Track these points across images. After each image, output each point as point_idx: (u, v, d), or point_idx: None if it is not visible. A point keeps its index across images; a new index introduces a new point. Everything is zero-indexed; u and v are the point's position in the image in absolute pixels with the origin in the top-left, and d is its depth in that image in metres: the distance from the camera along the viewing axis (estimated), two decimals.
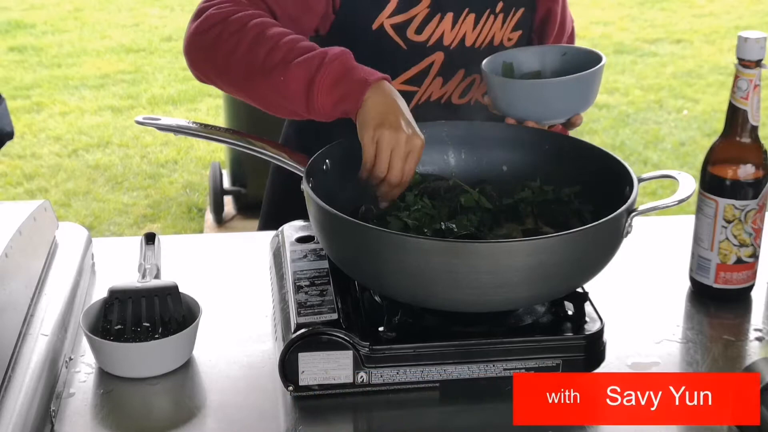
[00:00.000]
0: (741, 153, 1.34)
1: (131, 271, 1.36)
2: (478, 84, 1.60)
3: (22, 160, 4.52)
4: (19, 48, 6.11)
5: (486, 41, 1.58)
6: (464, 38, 1.56)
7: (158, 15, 6.77)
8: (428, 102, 1.58)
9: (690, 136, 4.85)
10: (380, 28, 1.53)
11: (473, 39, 1.57)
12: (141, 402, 1.18)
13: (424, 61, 1.56)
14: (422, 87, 1.57)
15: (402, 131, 1.27)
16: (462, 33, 1.56)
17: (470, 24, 1.56)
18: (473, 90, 1.61)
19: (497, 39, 1.59)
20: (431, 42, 1.55)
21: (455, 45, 1.56)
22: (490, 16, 1.57)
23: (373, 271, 1.19)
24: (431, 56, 1.56)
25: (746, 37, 1.30)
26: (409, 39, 1.54)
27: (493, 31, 1.58)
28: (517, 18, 1.60)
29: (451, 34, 1.55)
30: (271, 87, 1.37)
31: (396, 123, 1.28)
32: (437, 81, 1.58)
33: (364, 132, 1.28)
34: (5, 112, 2.07)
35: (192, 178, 4.42)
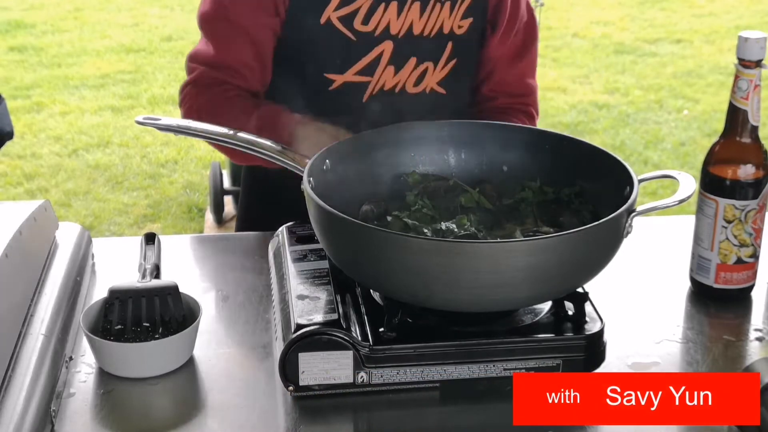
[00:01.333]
0: (741, 153, 1.34)
1: (131, 271, 1.36)
2: (431, 72, 1.61)
3: (22, 160, 4.52)
4: (19, 48, 6.11)
5: (435, 29, 1.60)
6: (412, 27, 1.58)
7: (158, 15, 6.76)
8: (382, 92, 1.60)
9: (690, 136, 4.85)
10: (328, 22, 1.56)
11: (421, 27, 1.59)
12: (141, 402, 1.18)
13: (374, 51, 1.58)
14: (374, 77, 1.59)
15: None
16: (409, 21, 1.58)
17: (416, 12, 1.58)
18: (427, 78, 1.62)
19: (446, 27, 1.60)
20: (378, 32, 1.57)
21: (403, 34, 1.58)
22: (436, 4, 1.58)
23: (373, 271, 1.19)
24: (380, 45, 1.58)
25: (746, 37, 1.30)
26: (357, 30, 1.57)
27: (442, 19, 1.59)
28: (466, 5, 1.60)
29: (398, 22, 1.57)
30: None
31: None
32: (389, 70, 1.60)
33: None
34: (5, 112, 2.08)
35: (192, 178, 4.42)
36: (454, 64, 1.63)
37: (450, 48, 1.61)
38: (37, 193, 4.22)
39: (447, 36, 1.61)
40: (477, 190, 1.37)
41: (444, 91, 1.63)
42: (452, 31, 1.61)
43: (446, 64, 1.62)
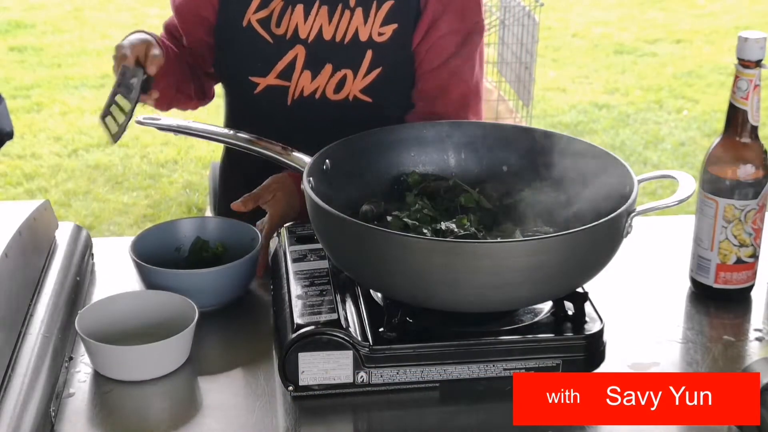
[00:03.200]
0: (741, 153, 1.34)
1: (131, 272, 1.35)
2: (352, 80, 1.57)
3: (22, 160, 4.52)
4: (19, 48, 6.11)
5: (349, 36, 1.57)
6: (321, 32, 1.57)
7: (158, 15, 6.76)
8: (302, 97, 1.59)
9: (690, 136, 4.84)
10: (249, 25, 1.58)
11: (331, 33, 1.57)
12: (141, 402, 1.18)
13: (288, 55, 1.58)
14: (292, 81, 1.59)
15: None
16: (317, 26, 1.57)
17: (324, 17, 1.56)
18: (348, 86, 1.58)
19: (363, 34, 1.56)
20: (289, 35, 1.58)
21: (312, 38, 1.57)
22: (345, 11, 1.56)
23: (373, 271, 1.19)
24: (293, 49, 1.58)
25: (746, 37, 1.30)
26: (273, 33, 1.58)
27: (355, 26, 1.56)
28: (384, 12, 1.55)
29: (305, 26, 1.57)
30: None
31: None
32: (305, 75, 1.58)
33: None
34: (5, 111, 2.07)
35: (192, 178, 4.41)
36: (379, 73, 1.56)
37: (370, 56, 1.56)
38: (37, 193, 4.21)
39: (365, 44, 1.56)
40: (477, 190, 1.37)
41: (369, 99, 1.58)
42: (371, 39, 1.56)
43: (368, 72, 1.57)
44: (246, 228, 1.43)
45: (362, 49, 1.56)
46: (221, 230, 1.44)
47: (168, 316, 1.25)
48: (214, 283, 1.33)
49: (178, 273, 1.33)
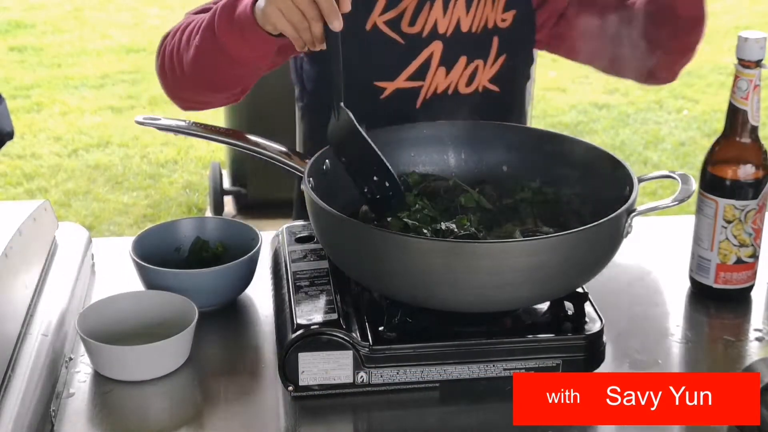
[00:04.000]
0: (741, 153, 1.34)
1: (131, 272, 1.35)
2: (482, 70, 1.57)
3: (22, 160, 4.52)
4: (19, 48, 6.11)
5: (481, 25, 1.55)
6: (459, 24, 1.54)
7: (158, 15, 6.76)
8: (435, 95, 1.56)
9: (690, 136, 4.84)
10: (374, 28, 1.52)
11: (468, 24, 1.54)
12: (141, 402, 1.18)
13: (423, 53, 1.54)
14: (426, 80, 1.55)
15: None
16: (456, 19, 1.54)
17: (462, 8, 1.53)
18: (479, 76, 1.57)
19: (491, 21, 1.56)
20: (426, 32, 1.53)
21: (451, 32, 1.54)
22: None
23: (373, 271, 1.19)
24: (429, 47, 1.54)
25: (746, 37, 1.30)
26: (405, 33, 1.53)
27: (486, 13, 1.55)
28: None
29: (445, 20, 1.53)
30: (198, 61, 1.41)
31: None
32: (440, 72, 1.55)
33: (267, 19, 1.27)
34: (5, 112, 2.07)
35: (192, 178, 4.41)
36: (504, 60, 1.58)
37: (497, 43, 1.56)
38: (37, 193, 4.21)
39: (492, 31, 1.56)
40: (477, 190, 1.37)
41: (497, 89, 1.59)
42: (496, 26, 1.56)
43: (495, 60, 1.57)
44: (246, 228, 1.43)
45: (490, 36, 1.55)
46: (221, 230, 1.44)
47: (168, 316, 1.25)
48: (214, 283, 1.33)
49: (178, 273, 1.33)
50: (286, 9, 1.24)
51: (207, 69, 1.43)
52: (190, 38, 1.43)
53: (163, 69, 1.51)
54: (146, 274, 1.33)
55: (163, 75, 1.52)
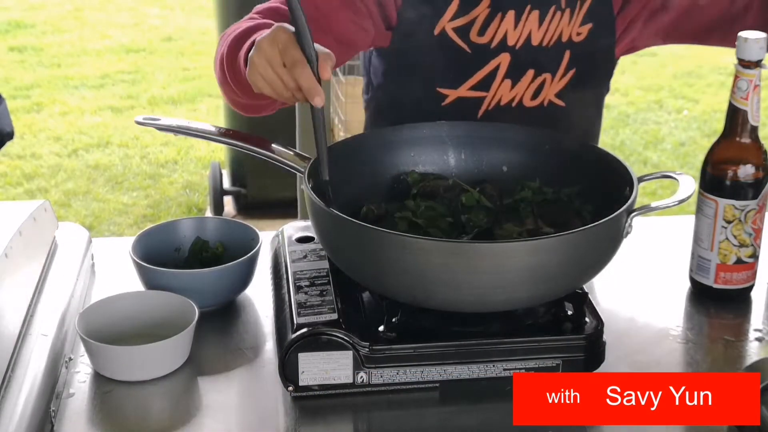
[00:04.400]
0: (741, 153, 1.34)
1: (131, 272, 1.35)
2: (549, 83, 1.54)
3: (22, 160, 4.52)
4: (19, 48, 6.11)
5: (554, 39, 1.52)
6: (530, 37, 1.51)
7: (158, 15, 6.76)
8: (499, 107, 1.53)
9: (690, 136, 4.84)
10: (442, 34, 1.49)
11: (540, 37, 1.51)
12: (141, 402, 1.18)
13: (490, 64, 1.51)
14: (491, 91, 1.52)
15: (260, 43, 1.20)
16: (527, 32, 1.50)
17: (535, 22, 1.50)
18: (545, 90, 1.54)
19: (565, 35, 1.52)
20: (495, 43, 1.50)
21: (521, 45, 1.50)
22: (556, 12, 1.50)
23: (373, 271, 1.19)
24: (497, 58, 1.51)
25: (746, 37, 1.30)
26: (473, 42, 1.49)
27: (561, 28, 1.51)
28: (585, 10, 1.52)
29: (515, 33, 1.50)
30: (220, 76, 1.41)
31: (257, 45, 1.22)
32: (506, 84, 1.52)
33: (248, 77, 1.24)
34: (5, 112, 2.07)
35: (192, 178, 4.41)
36: (573, 74, 1.55)
37: (568, 57, 1.53)
38: (37, 193, 4.21)
39: (565, 44, 1.52)
40: (477, 189, 1.37)
41: (563, 103, 1.56)
42: (570, 39, 1.52)
43: (564, 74, 1.54)
44: (246, 228, 1.43)
45: (561, 50, 1.52)
46: (221, 230, 1.44)
47: (168, 316, 1.25)
48: (214, 283, 1.33)
49: (178, 273, 1.33)
50: (268, 77, 1.22)
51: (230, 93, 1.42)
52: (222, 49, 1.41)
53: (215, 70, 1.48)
54: (146, 274, 1.33)
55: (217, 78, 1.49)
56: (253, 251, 1.35)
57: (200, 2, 6.81)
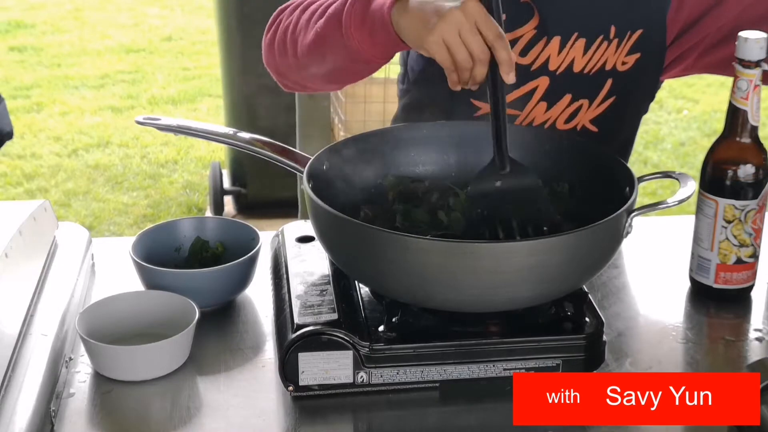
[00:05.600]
0: (741, 153, 1.34)
1: (131, 272, 1.35)
2: (586, 109, 1.51)
3: (22, 160, 4.52)
4: (19, 48, 6.11)
5: (596, 67, 1.49)
6: (572, 64, 1.48)
7: (158, 15, 6.76)
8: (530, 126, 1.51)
9: (690, 136, 4.84)
10: None
11: (582, 65, 1.48)
12: (141, 402, 1.18)
13: (528, 85, 1.48)
14: (524, 111, 1.50)
15: (451, 10, 1.15)
16: (570, 58, 1.47)
17: (580, 50, 1.47)
18: (580, 115, 1.52)
19: (609, 63, 1.49)
20: (536, 66, 1.48)
21: (562, 70, 1.48)
22: (602, 43, 1.47)
23: (373, 271, 1.19)
24: (536, 80, 1.49)
25: (746, 37, 1.30)
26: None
27: (606, 57, 1.49)
28: (633, 40, 1.49)
29: (558, 58, 1.47)
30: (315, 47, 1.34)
31: (441, 10, 1.16)
32: (541, 106, 1.50)
33: (424, 44, 1.18)
34: (4, 111, 2.07)
35: (192, 178, 4.42)
36: (612, 101, 1.52)
37: (609, 85, 1.50)
38: (37, 193, 4.21)
39: (608, 72, 1.49)
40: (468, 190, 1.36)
41: (596, 129, 1.53)
42: (615, 68, 1.49)
43: (603, 101, 1.52)
44: (246, 228, 1.43)
45: (604, 78, 1.49)
46: (221, 230, 1.44)
47: (168, 316, 1.25)
48: (214, 283, 1.33)
49: (178, 273, 1.33)
50: (454, 45, 1.17)
51: (323, 58, 1.35)
52: (311, 19, 1.35)
53: (272, 43, 1.42)
54: (146, 274, 1.33)
55: (270, 50, 1.43)
56: (253, 251, 1.35)
57: (200, 2, 6.81)
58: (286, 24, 1.41)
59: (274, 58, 1.46)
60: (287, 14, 1.42)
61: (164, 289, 1.29)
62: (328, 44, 1.34)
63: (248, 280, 1.37)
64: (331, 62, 1.37)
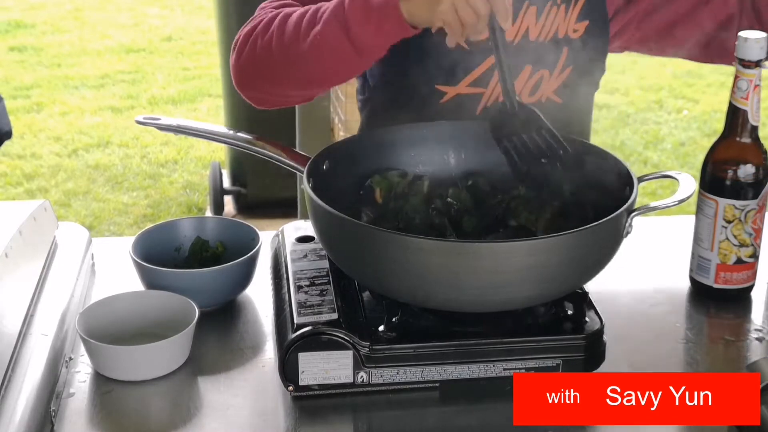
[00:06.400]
0: (741, 153, 1.34)
1: (131, 272, 1.35)
2: (547, 80, 1.54)
3: (22, 160, 4.52)
4: (19, 48, 6.11)
5: (550, 34, 1.52)
6: (527, 32, 1.51)
7: (158, 15, 6.76)
8: (497, 103, 1.51)
9: (690, 136, 4.84)
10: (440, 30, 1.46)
11: (537, 32, 1.51)
12: (141, 402, 1.18)
13: (488, 60, 1.50)
14: (488, 88, 1.52)
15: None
16: (524, 27, 1.51)
17: (532, 17, 1.50)
18: (543, 87, 1.55)
19: (561, 31, 1.53)
20: None
21: (518, 40, 1.51)
22: (552, 8, 1.51)
23: (373, 271, 1.19)
24: None
25: (746, 37, 1.30)
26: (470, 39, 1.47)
27: (557, 23, 1.52)
28: (579, 7, 1.53)
29: (513, 29, 1.50)
30: (314, 52, 1.36)
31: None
32: None
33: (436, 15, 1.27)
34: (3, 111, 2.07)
35: (192, 178, 4.42)
36: (570, 71, 1.55)
37: (565, 54, 1.54)
38: (37, 193, 4.22)
39: (562, 40, 1.53)
40: (470, 183, 1.37)
41: (559, 100, 1.55)
42: (567, 35, 1.53)
43: (562, 71, 1.55)
44: (246, 228, 1.43)
45: (560, 46, 1.53)
46: (221, 230, 1.44)
47: (168, 316, 1.25)
48: (214, 283, 1.33)
49: (178, 273, 1.33)
50: (461, 7, 1.25)
51: (321, 62, 1.38)
52: (300, 31, 1.37)
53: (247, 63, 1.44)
54: (146, 274, 1.33)
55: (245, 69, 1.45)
56: (253, 251, 1.35)
57: (200, 2, 6.81)
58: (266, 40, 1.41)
59: (253, 77, 1.47)
60: (261, 31, 1.43)
61: (164, 289, 1.29)
62: (329, 45, 1.35)
63: (248, 280, 1.37)
64: (329, 63, 1.38)
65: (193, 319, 1.22)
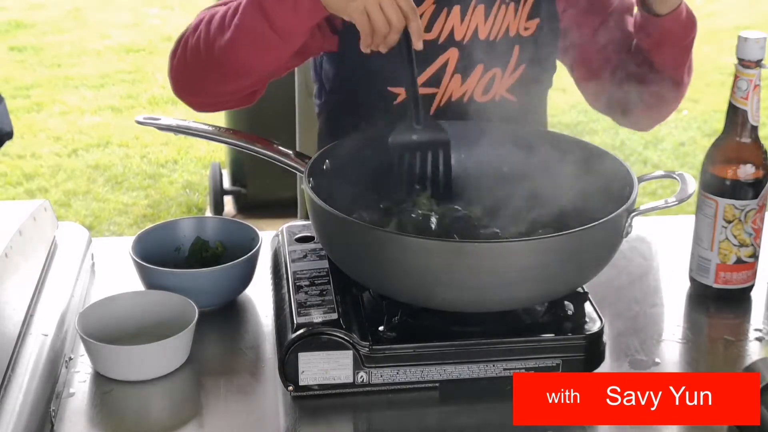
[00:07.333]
0: (741, 153, 1.34)
1: (131, 271, 1.35)
2: (500, 79, 1.55)
3: (22, 160, 4.52)
4: (19, 48, 6.11)
5: (501, 33, 1.53)
6: (477, 31, 1.52)
7: (158, 15, 6.76)
8: (450, 102, 1.54)
9: (690, 136, 4.84)
10: None
11: (487, 31, 1.52)
12: (141, 402, 1.18)
13: (439, 60, 1.51)
14: (441, 87, 1.53)
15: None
16: (474, 26, 1.51)
17: (481, 16, 1.51)
18: (496, 86, 1.55)
19: (513, 29, 1.53)
20: (442, 39, 1.51)
21: (468, 39, 1.51)
22: (501, 6, 1.52)
23: (373, 271, 1.19)
24: (445, 53, 1.51)
25: (746, 37, 1.30)
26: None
27: (507, 21, 1.52)
28: (530, 5, 1.53)
29: (462, 27, 1.51)
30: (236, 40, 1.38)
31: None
32: (456, 79, 1.53)
33: (347, 9, 1.28)
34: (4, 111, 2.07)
35: (192, 178, 4.42)
36: (523, 70, 1.55)
37: (518, 52, 1.54)
38: (37, 193, 4.21)
39: (513, 39, 1.53)
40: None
41: (513, 98, 1.56)
42: (518, 34, 1.53)
43: (515, 69, 1.55)
44: (246, 228, 1.43)
45: (511, 45, 1.53)
46: (221, 230, 1.44)
47: (168, 316, 1.26)
48: (214, 283, 1.33)
49: (178, 273, 1.33)
50: (374, 12, 1.27)
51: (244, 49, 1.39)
52: (223, 23, 1.39)
53: (180, 65, 1.46)
54: (146, 273, 1.33)
55: (179, 72, 1.47)
56: (253, 251, 1.35)
57: (200, 2, 6.80)
58: (195, 40, 1.43)
59: (183, 79, 1.48)
60: (191, 34, 1.45)
61: (164, 289, 1.29)
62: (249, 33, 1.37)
63: (248, 280, 1.37)
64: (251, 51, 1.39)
65: (193, 319, 1.22)
